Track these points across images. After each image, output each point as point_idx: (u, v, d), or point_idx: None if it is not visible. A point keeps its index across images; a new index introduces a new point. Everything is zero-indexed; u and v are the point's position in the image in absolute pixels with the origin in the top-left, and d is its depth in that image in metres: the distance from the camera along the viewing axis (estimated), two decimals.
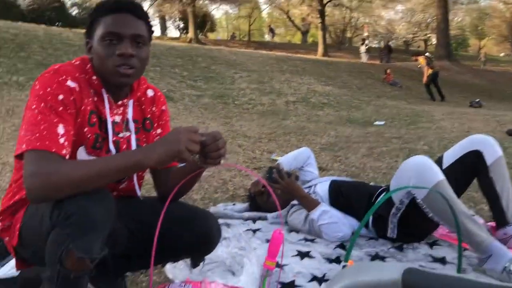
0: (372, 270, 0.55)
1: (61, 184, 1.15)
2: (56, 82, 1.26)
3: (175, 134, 1.20)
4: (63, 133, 1.23)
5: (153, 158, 1.18)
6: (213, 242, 1.51)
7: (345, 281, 0.56)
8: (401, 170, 2.16)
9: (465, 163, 2.30)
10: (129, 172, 1.24)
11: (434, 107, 11.82)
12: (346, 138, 6.31)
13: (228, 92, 10.84)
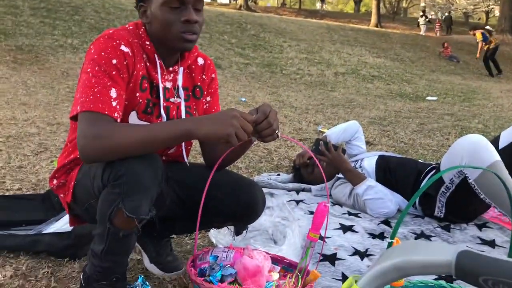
0: (424, 249, 0.54)
1: (112, 147, 1.18)
2: (110, 46, 1.28)
3: (229, 117, 1.20)
4: (116, 97, 1.26)
5: (202, 132, 1.20)
6: (257, 212, 1.52)
7: (396, 259, 0.55)
8: (454, 148, 2.09)
9: None
10: (178, 140, 1.25)
11: (491, 84, 11.24)
12: (396, 113, 6.14)
13: (276, 61, 10.73)
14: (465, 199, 2.14)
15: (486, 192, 1.98)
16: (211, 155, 1.55)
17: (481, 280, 0.49)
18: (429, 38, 18.58)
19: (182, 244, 1.92)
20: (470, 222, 2.29)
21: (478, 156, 1.96)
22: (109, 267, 1.34)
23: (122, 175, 1.19)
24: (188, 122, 1.23)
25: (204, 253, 1.47)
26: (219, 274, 1.34)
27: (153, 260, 1.64)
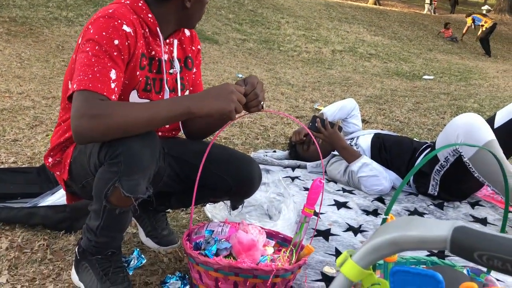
0: (420, 225, 0.54)
1: (111, 127, 1.16)
2: (112, 26, 1.25)
3: (228, 93, 1.22)
4: (115, 79, 1.24)
5: (204, 110, 1.21)
6: (253, 187, 1.53)
7: (391, 234, 0.55)
8: (449, 127, 2.09)
9: None
10: (179, 118, 1.24)
11: (488, 64, 11.21)
12: (392, 91, 6.12)
13: (274, 37, 10.63)
14: (459, 178, 2.15)
15: (481, 170, 1.99)
16: (191, 127, 1.55)
17: (476, 256, 0.49)
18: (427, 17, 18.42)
19: (178, 218, 1.93)
20: (463, 200, 2.31)
21: (473, 135, 1.97)
22: (105, 242, 1.34)
23: (120, 153, 1.18)
24: (189, 100, 1.23)
25: (200, 227, 1.48)
26: (214, 248, 1.36)
27: (149, 234, 1.66)
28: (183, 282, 1.42)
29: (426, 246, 0.53)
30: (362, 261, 0.59)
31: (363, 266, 0.59)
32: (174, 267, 1.55)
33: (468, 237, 0.49)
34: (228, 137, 3.21)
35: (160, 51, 1.39)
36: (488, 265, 0.48)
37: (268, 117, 3.93)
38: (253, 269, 1.27)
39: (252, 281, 1.28)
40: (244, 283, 1.28)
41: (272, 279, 1.27)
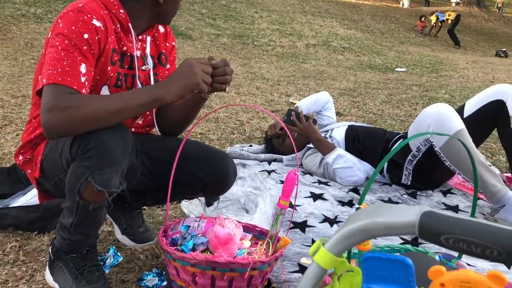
0: (389, 211, 0.56)
1: (82, 119, 1.15)
2: (81, 20, 1.23)
3: (189, 67, 1.22)
4: (85, 73, 1.22)
5: (173, 93, 1.21)
6: (228, 184, 1.53)
7: (362, 221, 0.56)
8: (420, 117, 2.13)
9: (487, 112, 2.26)
10: (149, 107, 1.24)
11: (458, 55, 11.46)
12: (366, 84, 6.20)
13: (248, 32, 10.61)
14: (431, 167, 2.20)
15: (451, 159, 2.04)
16: (165, 121, 1.54)
17: (442, 239, 0.50)
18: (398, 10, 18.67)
19: (154, 215, 1.92)
20: (435, 188, 2.36)
21: (444, 124, 2.02)
22: (79, 239, 1.32)
23: (92, 148, 1.17)
24: (158, 88, 1.23)
25: (176, 223, 1.48)
26: (190, 243, 1.35)
27: (125, 232, 1.64)
28: (160, 279, 1.41)
29: (396, 232, 0.54)
30: (334, 249, 0.60)
31: (335, 253, 0.60)
32: (151, 264, 1.54)
33: (435, 221, 0.51)
34: (204, 133, 3.20)
35: (132, 47, 1.37)
36: (454, 248, 0.50)
37: (244, 112, 3.93)
38: (230, 263, 1.27)
39: (230, 274, 1.28)
40: (222, 277, 1.29)
41: (249, 272, 1.27)
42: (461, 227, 0.49)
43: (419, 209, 0.53)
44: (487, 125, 2.31)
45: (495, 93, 2.26)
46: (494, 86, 2.32)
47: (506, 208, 1.97)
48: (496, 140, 3.17)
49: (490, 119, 2.27)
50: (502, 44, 15.07)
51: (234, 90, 4.96)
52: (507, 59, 11.66)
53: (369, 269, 0.60)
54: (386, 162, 0.83)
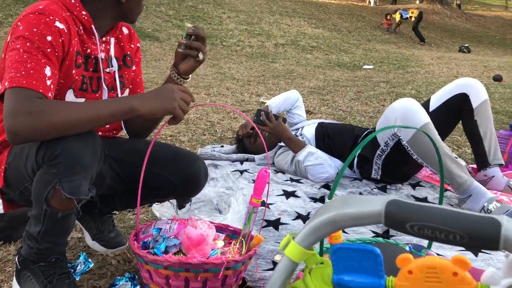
0: (356, 202, 0.56)
1: (51, 125, 1.11)
2: (43, 23, 1.19)
3: (170, 91, 1.24)
4: (50, 75, 1.18)
5: (148, 108, 1.21)
6: (199, 186, 1.51)
7: (330, 213, 0.57)
8: (387, 112, 2.17)
9: (452, 105, 2.32)
10: (121, 118, 1.22)
11: (423, 52, 11.73)
12: (334, 82, 6.27)
13: (216, 33, 10.58)
14: (399, 161, 2.24)
15: (418, 152, 2.08)
16: (132, 123, 1.53)
17: (408, 226, 0.51)
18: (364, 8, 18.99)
19: (124, 220, 1.89)
20: (404, 182, 2.41)
21: (410, 119, 2.06)
22: (47, 248, 1.28)
23: (59, 154, 1.13)
24: (132, 99, 1.22)
25: (147, 226, 1.46)
26: (163, 246, 1.34)
27: (95, 237, 1.61)
28: (133, 283, 1.39)
29: (363, 222, 0.55)
30: (304, 242, 0.60)
31: (305, 246, 0.60)
32: (123, 269, 1.51)
33: (400, 209, 0.52)
34: (174, 135, 3.17)
35: (96, 49, 1.34)
36: (419, 235, 0.51)
37: (215, 112, 3.91)
38: (203, 264, 1.26)
39: (203, 275, 1.27)
40: (196, 278, 1.27)
41: (223, 272, 1.27)
42: (425, 214, 0.50)
43: (384, 199, 0.54)
44: (452, 118, 2.37)
45: (459, 86, 2.33)
46: (457, 80, 2.39)
47: (472, 198, 2.02)
48: (462, 133, 3.25)
49: (455, 112, 2.34)
50: (464, 40, 15.52)
51: (204, 91, 4.93)
52: (470, 55, 12.02)
53: (339, 260, 0.60)
54: (354, 156, 0.84)
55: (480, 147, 2.28)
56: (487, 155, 2.27)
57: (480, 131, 2.26)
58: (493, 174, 2.27)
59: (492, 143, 2.27)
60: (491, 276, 0.56)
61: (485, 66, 8.85)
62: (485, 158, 2.27)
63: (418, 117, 2.07)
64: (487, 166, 2.27)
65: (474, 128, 2.28)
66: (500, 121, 4.03)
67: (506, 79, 6.91)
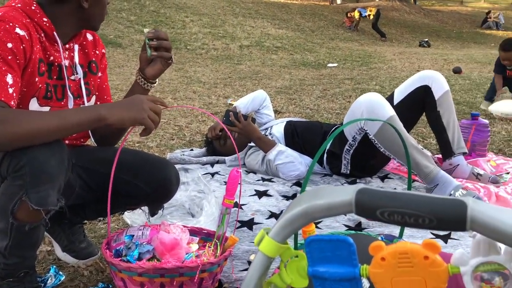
0: (327, 193, 0.57)
1: (16, 135, 1.07)
2: (3, 29, 1.15)
3: (139, 101, 1.22)
4: (12, 83, 1.14)
5: (116, 117, 1.18)
6: (170, 191, 1.49)
7: (302, 206, 0.57)
8: (353, 107, 2.21)
9: (415, 98, 2.38)
10: (88, 127, 1.21)
11: (385, 48, 11.99)
12: (301, 81, 6.33)
13: (180, 37, 10.51)
14: (368, 154, 2.29)
15: (385, 145, 2.13)
16: (99, 131, 1.49)
17: (378, 213, 0.52)
18: (325, 8, 19.25)
19: (95, 229, 1.85)
20: (373, 175, 2.46)
21: (375, 112, 2.10)
22: (16, 263, 1.25)
23: (24, 165, 1.10)
24: (100, 108, 1.20)
25: (119, 234, 1.43)
26: (136, 253, 1.31)
27: (66, 249, 1.57)
28: None
29: (334, 212, 0.56)
30: (278, 236, 0.60)
31: (279, 241, 0.60)
32: (96, 279, 1.48)
33: (370, 197, 0.52)
34: (142, 141, 3.13)
35: (59, 56, 1.31)
36: (390, 220, 0.52)
37: (182, 116, 3.88)
38: (178, 268, 1.25)
39: (179, 279, 1.26)
40: (171, 283, 1.26)
41: (199, 275, 1.26)
42: (394, 200, 0.51)
43: (354, 188, 0.54)
44: (416, 110, 2.44)
45: (420, 79, 2.39)
46: (419, 72, 2.45)
47: (439, 187, 2.08)
48: (426, 124, 3.34)
49: (418, 104, 2.40)
50: (424, 34, 15.94)
51: (170, 95, 4.89)
52: (430, 49, 12.36)
53: (313, 252, 0.61)
54: (323, 150, 0.85)
55: (444, 137, 2.35)
56: (451, 144, 2.33)
57: (444, 122, 2.33)
58: (458, 162, 2.34)
59: (456, 132, 2.34)
60: (460, 257, 0.57)
61: (444, 59, 9.12)
62: (450, 148, 2.34)
63: (383, 110, 2.11)
64: (451, 155, 2.33)
65: (437, 119, 2.34)
66: (462, 111, 4.15)
67: (465, 71, 7.15)
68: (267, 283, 0.65)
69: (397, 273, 0.58)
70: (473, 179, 2.30)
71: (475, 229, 0.50)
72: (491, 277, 0.56)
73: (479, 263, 0.56)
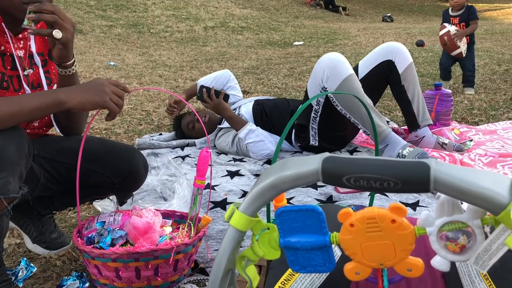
0: (294, 164, 0.57)
1: None
2: None
3: (99, 84, 1.19)
4: None
5: (76, 101, 1.16)
6: (139, 179, 1.46)
7: (270, 178, 0.57)
8: (316, 67, 2.26)
9: (379, 73, 2.43)
10: (49, 111, 1.17)
11: (350, 24, 12.05)
12: (267, 61, 6.31)
13: (142, 20, 10.26)
14: (333, 123, 2.32)
15: (343, 104, 2.21)
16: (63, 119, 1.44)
17: (344, 180, 0.53)
18: None
19: (66, 219, 1.82)
20: (342, 149, 2.49)
21: (336, 69, 2.17)
22: None
23: None
24: (59, 92, 1.16)
25: (90, 221, 1.41)
26: (108, 239, 1.30)
27: (36, 240, 1.54)
28: (81, 281, 1.34)
29: (302, 182, 0.56)
30: (248, 209, 0.60)
31: (250, 214, 0.60)
32: (69, 269, 1.46)
33: (336, 164, 0.53)
34: (109, 127, 3.07)
35: (9, 47, 1.26)
36: (356, 186, 0.52)
37: (149, 101, 3.82)
38: (152, 251, 1.24)
39: (154, 262, 1.26)
40: (146, 267, 1.25)
41: (173, 256, 1.26)
42: (359, 166, 0.52)
43: (320, 156, 0.55)
44: (380, 84, 2.47)
45: (384, 53, 2.42)
46: (382, 45, 2.48)
47: (389, 147, 2.16)
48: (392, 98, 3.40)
49: (382, 79, 2.44)
50: (386, 9, 16.09)
51: (135, 80, 4.80)
52: (393, 23, 12.49)
53: (283, 223, 0.61)
54: (292, 123, 0.85)
55: (409, 110, 2.40)
56: (416, 117, 2.40)
57: (408, 95, 2.38)
58: (424, 134, 2.40)
59: (420, 105, 2.39)
60: (426, 219, 0.59)
61: (407, 33, 9.24)
62: (415, 120, 2.40)
63: (343, 68, 2.19)
64: (417, 128, 2.40)
65: (402, 92, 2.39)
66: (426, 83, 4.24)
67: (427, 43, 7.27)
68: (240, 257, 0.65)
69: (366, 238, 0.59)
70: (438, 148, 2.37)
71: (439, 189, 0.51)
72: (455, 236, 0.58)
73: (443, 223, 0.58)
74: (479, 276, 0.79)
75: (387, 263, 0.60)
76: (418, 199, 1.86)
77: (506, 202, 0.50)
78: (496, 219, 0.55)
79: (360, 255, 0.60)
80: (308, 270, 0.64)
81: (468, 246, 0.58)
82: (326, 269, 0.63)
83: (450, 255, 0.59)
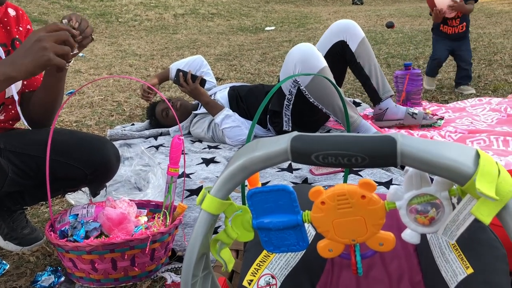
0: (264, 145, 0.57)
1: None
2: None
3: (36, 42, 1.07)
4: None
5: (23, 70, 1.08)
6: (111, 170, 1.43)
7: (241, 160, 0.57)
8: (287, 59, 2.24)
9: (334, 54, 2.46)
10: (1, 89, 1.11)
11: (320, 8, 12.07)
12: (239, 47, 6.27)
13: (110, 9, 10.03)
14: (306, 109, 2.33)
15: (315, 96, 2.21)
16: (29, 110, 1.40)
17: (313, 157, 0.53)
18: None
19: (38, 214, 1.78)
20: (316, 131, 2.51)
21: (308, 63, 2.16)
22: None
23: None
24: (5, 67, 1.08)
25: (62, 214, 1.38)
26: (82, 231, 1.28)
27: (7, 237, 1.50)
28: (56, 275, 1.32)
29: (272, 162, 0.56)
30: (220, 192, 0.60)
31: (221, 197, 0.60)
32: (43, 264, 1.43)
33: (304, 143, 0.53)
34: (80, 120, 3.00)
35: None
36: (325, 163, 0.52)
37: (120, 92, 3.76)
38: (128, 241, 1.23)
39: (130, 252, 1.24)
40: (123, 257, 1.24)
41: (150, 246, 1.25)
42: (326, 143, 0.52)
43: (289, 136, 0.55)
44: (339, 64, 2.51)
45: (335, 34, 2.46)
46: (332, 25, 2.51)
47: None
48: None
49: (339, 59, 2.48)
50: None
51: (105, 71, 4.70)
52: (363, 6, 12.55)
53: (256, 205, 0.61)
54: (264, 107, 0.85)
55: (369, 85, 2.46)
56: (377, 91, 2.45)
57: (366, 71, 2.43)
58: (387, 106, 2.46)
59: (379, 78, 2.45)
60: (395, 193, 0.60)
61: (378, 15, 9.31)
62: (376, 94, 2.46)
63: (316, 61, 2.17)
64: (380, 101, 2.46)
65: (359, 69, 2.45)
66: (396, 64, 4.29)
67: (397, 25, 7.35)
68: (214, 241, 0.65)
69: (338, 215, 0.59)
70: (409, 119, 2.42)
71: (405, 163, 0.51)
72: (424, 208, 0.58)
73: (412, 196, 0.58)
74: (449, 247, 0.81)
75: (359, 239, 0.61)
76: (391, 177, 1.89)
77: (471, 172, 0.51)
78: (462, 189, 0.56)
79: (333, 232, 0.61)
80: (282, 250, 0.64)
81: (437, 218, 0.59)
82: (300, 248, 0.63)
83: (420, 228, 0.60)
